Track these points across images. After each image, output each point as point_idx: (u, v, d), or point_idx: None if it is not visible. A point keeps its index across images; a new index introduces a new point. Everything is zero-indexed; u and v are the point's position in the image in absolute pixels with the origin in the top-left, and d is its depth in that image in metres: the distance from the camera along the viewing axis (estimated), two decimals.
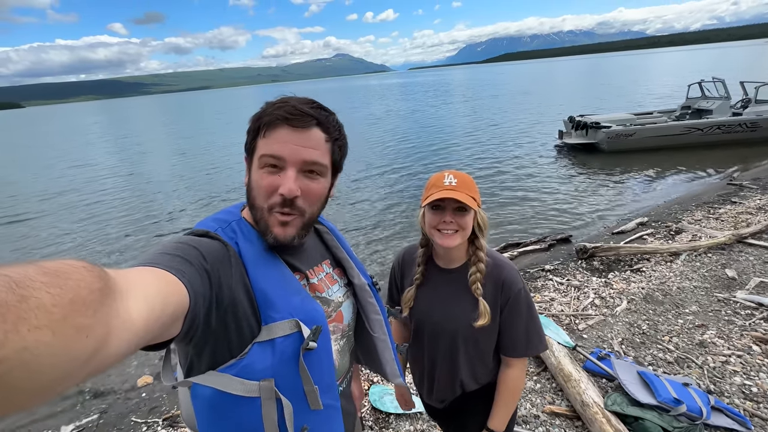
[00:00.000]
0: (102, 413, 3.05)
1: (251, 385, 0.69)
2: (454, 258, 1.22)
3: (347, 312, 0.94)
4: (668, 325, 3.07)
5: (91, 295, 0.34)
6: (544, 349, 1.20)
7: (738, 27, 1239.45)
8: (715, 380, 2.47)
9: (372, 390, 2.68)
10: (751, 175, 7.31)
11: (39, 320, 0.29)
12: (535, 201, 7.14)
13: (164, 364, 0.73)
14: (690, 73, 30.40)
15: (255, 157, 0.77)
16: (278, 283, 0.76)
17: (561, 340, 2.87)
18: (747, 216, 5.13)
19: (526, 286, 1.18)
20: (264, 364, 0.70)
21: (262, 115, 0.76)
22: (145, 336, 0.44)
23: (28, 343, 0.28)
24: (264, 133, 0.75)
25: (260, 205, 0.76)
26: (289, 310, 0.73)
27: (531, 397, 2.49)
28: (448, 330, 1.20)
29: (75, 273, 0.34)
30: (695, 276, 3.75)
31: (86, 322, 0.33)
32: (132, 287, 0.43)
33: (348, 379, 0.97)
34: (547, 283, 4.03)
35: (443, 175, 1.13)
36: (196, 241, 0.69)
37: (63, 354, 0.30)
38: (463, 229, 1.12)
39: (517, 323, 1.17)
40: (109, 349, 0.36)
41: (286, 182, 0.73)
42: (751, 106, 9.70)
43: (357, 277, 0.96)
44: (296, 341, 0.72)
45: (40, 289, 0.30)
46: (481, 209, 1.17)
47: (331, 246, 0.98)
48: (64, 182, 12.31)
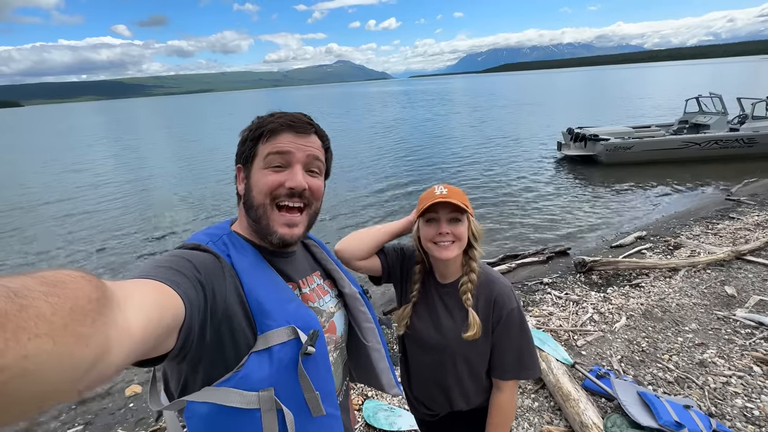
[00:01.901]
0: (87, 424, 2.97)
1: (250, 396, 0.67)
2: (450, 271, 1.20)
3: (339, 323, 0.94)
4: (668, 343, 3.02)
5: (90, 305, 0.34)
6: (536, 375, 1.17)
7: (734, 43, 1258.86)
8: (716, 402, 2.42)
9: (366, 405, 2.61)
10: (749, 190, 7.33)
11: (39, 329, 0.29)
12: (533, 212, 7.12)
13: (151, 389, 0.72)
14: (687, 88, 30.79)
15: (257, 160, 0.80)
16: (272, 291, 0.75)
17: (560, 357, 2.81)
18: (745, 232, 5.12)
19: (520, 305, 1.15)
20: (262, 374, 0.68)
21: (261, 125, 0.81)
22: (143, 346, 0.44)
23: (28, 352, 0.28)
24: (267, 139, 0.80)
25: (261, 202, 0.78)
26: (285, 318, 0.72)
27: (528, 416, 2.44)
28: (439, 343, 1.18)
29: (73, 283, 0.34)
30: (694, 293, 3.71)
31: (86, 331, 0.32)
32: (129, 297, 0.43)
33: (344, 392, 0.96)
34: (545, 297, 3.99)
35: (434, 188, 1.13)
36: (188, 254, 0.69)
37: (64, 362, 0.30)
38: (459, 239, 1.11)
39: (508, 344, 1.14)
40: (109, 359, 0.36)
41: (295, 176, 0.78)
42: (747, 122, 9.79)
43: (348, 286, 0.97)
44: (294, 348, 0.71)
45: (38, 298, 0.30)
46: (474, 219, 1.16)
47: (320, 258, 1.00)
48: (55, 190, 11.81)
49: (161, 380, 0.75)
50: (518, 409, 2.50)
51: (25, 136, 34.09)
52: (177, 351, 0.57)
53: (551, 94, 43.34)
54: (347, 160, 12.85)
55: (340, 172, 10.91)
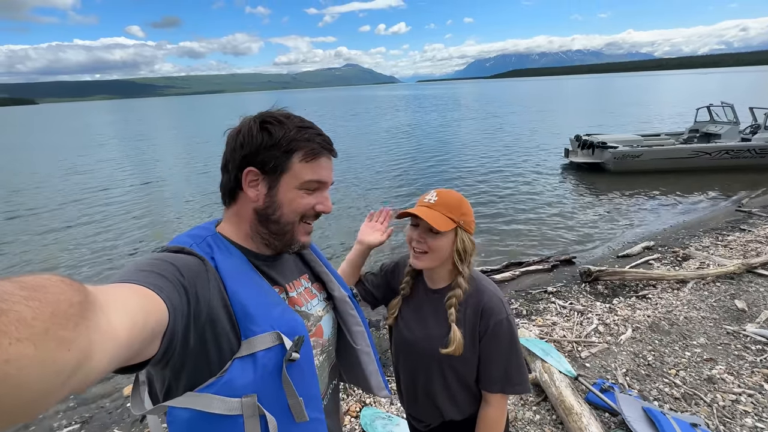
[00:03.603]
0: (84, 423, 2.96)
1: (233, 402, 0.66)
2: (437, 278, 1.17)
3: (327, 326, 0.93)
4: (675, 358, 2.95)
5: (72, 309, 0.33)
6: (524, 391, 1.12)
7: (746, 53, 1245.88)
8: (725, 420, 2.34)
9: (363, 413, 2.57)
10: (760, 202, 7.19)
11: (20, 333, 0.28)
12: (538, 220, 7.04)
13: (133, 393, 0.71)
14: (698, 97, 30.40)
15: (290, 177, 0.79)
16: (257, 296, 0.74)
17: (563, 369, 2.75)
18: (756, 245, 5.01)
19: (511, 317, 1.10)
20: (245, 380, 0.68)
21: (297, 138, 0.78)
22: (127, 351, 0.43)
23: (10, 356, 0.27)
24: (307, 161, 0.79)
25: (291, 220, 0.81)
26: (269, 323, 0.72)
27: (529, 429, 2.38)
28: (426, 350, 1.15)
29: (54, 287, 0.34)
30: (703, 306, 3.63)
31: (68, 335, 0.32)
32: (112, 302, 0.43)
33: (329, 396, 0.95)
34: (549, 306, 3.92)
35: (428, 192, 1.11)
36: (171, 257, 0.67)
37: (46, 367, 0.30)
38: (433, 251, 1.07)
39: (495, 356, 1.09)
40: (92, 363, 0.35)
41: (326, 202, 0.85)
42: (760, 132, 9.64)
43: (337, 290, 0.97)
44: (278, 354, 0.71)
45: (19, 302, 0.30)
46: (468, 233, 1.10)
47: (309, 260, 0.99)
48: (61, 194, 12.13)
49: (145, 383, 0.74)
50: (519, 421, 2.44)
51: (41, 134, 34.56)
52: (160, 356, 0.56)
53: (560, 101, 43.12)
54: (361, 162, 12.84)
55: (355, 180, 10.90)
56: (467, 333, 1.09)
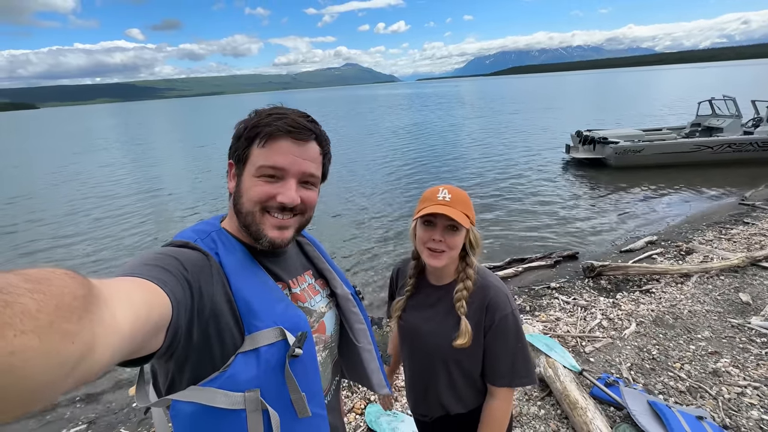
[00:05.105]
0: (90, 423, 2.97)
1: (235, 396, 0.67)
2: (443, 274, 1.18)
3: (330, 323, 0.93)
4: (680, 351, 2.94)
5: (76, 302, 0.34)
6: (531, 383, 1.13)
7: (748, 46, 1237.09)
8: (731, 413, 2.33)
9: (368, 410, 2.58)
10: (764, 195, 7.16)
11: (25, 325, 0.29)
12: (540, 215, 7.03)
13: (138, 386, 0.71)
14: (699, 91, 30.26)
15: (249, 165, 0.77)
16: (260, 291, 0.75)
17: (567, 363, 2.75)
18: (760, 238, 4.99)
19: (516, 311, 1.12)
20: (248, 375, 0.68)
21: (259, 124, 0.76)
22: (130, 344, 0.43)
23: (15, 348, 0.28)
24: (263, 143, 0.76)
25: (250, 209, 0.76)
26: (272, 318, 0.72)
27: (534, 424, 2.38)
28: (431, 345, 1.17)
29: (58, 280, 0.34)
30: (707, 299, 3.61)
31: (72, 328, 0.32)
32: (116, 295, 0.43)
33: (332, 393, 0.96)
34: (552, 302, 3.92)
35: (437, 190, 1.09)
36: (175, 251, 0.67)
37: (50, 359, 0.30)
38: (451, 249, 1.09)
39: (501, 350, 1.10)
40: (95, 356, 0.36)
41: (287, 191, 0.76)
42: (762, 125, 9.58)
43: (340, 287, 0.96)
44: (281, 349, 0.71)
45: (24, 295, 0.30)
46: (475, 228, 1.13)
47: (312, 257, 0.98)
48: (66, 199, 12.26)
49: (149, 376, 0.75)
50: (524, 416, 2.44)
51: (42, 138, 34.69)
52: (164, 350, 0.56)
53: (561, 97, 42.96)
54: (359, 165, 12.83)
55: (356, 182, 10.89)
56: (473, 327, 1.10)
